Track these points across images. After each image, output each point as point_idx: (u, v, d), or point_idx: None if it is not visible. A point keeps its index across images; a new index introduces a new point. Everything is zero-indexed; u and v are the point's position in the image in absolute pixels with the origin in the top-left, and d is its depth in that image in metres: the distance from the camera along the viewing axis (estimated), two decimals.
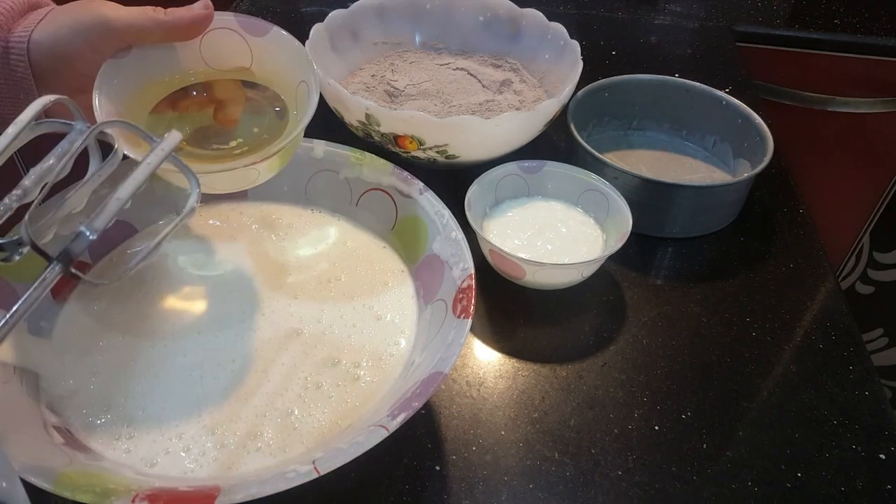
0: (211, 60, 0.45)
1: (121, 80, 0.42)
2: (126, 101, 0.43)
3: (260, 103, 0.46)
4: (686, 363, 0.49)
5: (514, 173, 0.57)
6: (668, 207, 0.58)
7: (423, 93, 0.65)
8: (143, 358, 0.43)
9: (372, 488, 0.41)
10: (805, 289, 0.56)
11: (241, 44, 0.45)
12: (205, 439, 0.39)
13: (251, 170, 0.41)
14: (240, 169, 0.41)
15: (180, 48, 0.45)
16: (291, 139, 0.42)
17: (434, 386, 0.37)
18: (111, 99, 0.41)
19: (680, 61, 0.87)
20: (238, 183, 0.44)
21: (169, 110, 0.45)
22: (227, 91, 0.46)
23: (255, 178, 0.43)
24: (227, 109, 0.46)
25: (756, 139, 0.62)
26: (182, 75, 0.45)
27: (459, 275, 0.44)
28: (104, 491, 0.32)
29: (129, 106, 0.43)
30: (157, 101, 0.44)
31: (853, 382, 0.48)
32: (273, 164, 0.43)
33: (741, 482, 0.42)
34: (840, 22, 0.98)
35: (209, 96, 0.46)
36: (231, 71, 0.46)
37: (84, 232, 0.31)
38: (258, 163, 0.41)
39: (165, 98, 0.45)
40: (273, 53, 0.45)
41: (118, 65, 0.42)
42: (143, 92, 0.44)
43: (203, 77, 0.46)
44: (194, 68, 0.45)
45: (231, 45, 0.45)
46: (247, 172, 0.42)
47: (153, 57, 0.44)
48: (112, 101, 0.41)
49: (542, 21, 0.69)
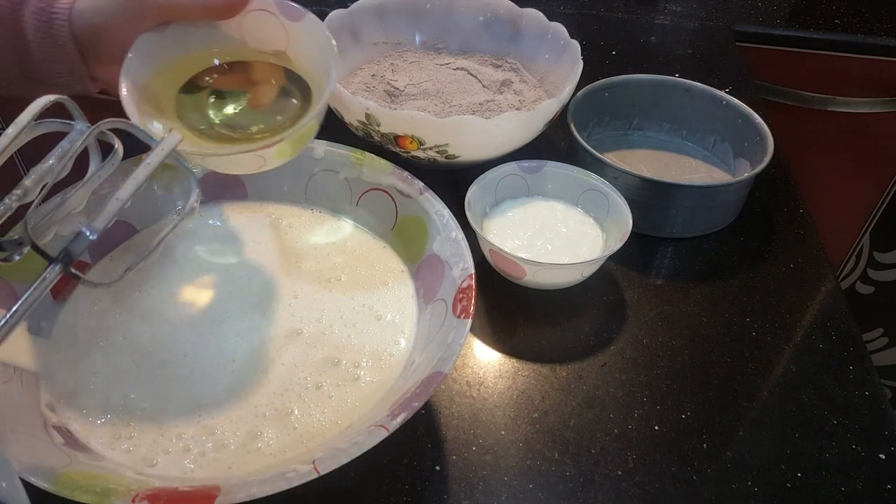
0: (251, 41, 0.45)
1: (153, 52, 0.42)
2: (158, 73, 0.43)
3: (291, 90, 0.45)
4: (686, 363, 0.49)
5: (514, 173, 0.57)
6: (668, 207, 0.58)
7: (424, 93, 0.65)
8: (143, 358, 0.43)
9: (372, 488, 0.41)
10: (805, 289, 0.56)
11: (278, 27, 0.44)
12: (205, 439, 0.39)
13: (255, 156, 0.41)
14: (243, 154, 0.41)
15: (221, 27, 0.44)
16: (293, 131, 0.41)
17: (434, 386, 0.37)
18: (140, 69, 0.41)
19: (680, 61, 0.87)
20: (243, 167, 0.43)
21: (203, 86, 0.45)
22: (263, 74, 0.46)
23: (262, 165, 0.43)
24: (259, 92, 0.45)
25: (756, 139, 0.62)
26: (220, 53, 0.45)
27: (459, 275, 0.44)
28: (104, 491, 0.32)
29: (161, 79, 0.43)
30: (190, 76, 0.44)
31: (853, 382, 0.48)
32: (283, 152, 0.42)
33: (741, 482, 0.42)
34: (840, 22, 0.98)
35: (246, 76, 0.45)
36: (268, 54, 0.45)
37: (84, 232, 0.31)
38: (258, 150, 0.40)
39: (203, 72, 0.44)
40: (306, 40, 0.44)
41: (154, 38, 0.42)
42: (176, 66, 0.44)
43: (242, 57, 0.45)
44: (233, 48, 0.45)
45: (269, 28, 0.44)
46: (251, 158, 0.41)
47: (192, 34, 0.43)
48: (141, 73, 0.41)
49: (542, 21, 0.69)
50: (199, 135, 0.43)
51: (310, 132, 0.44)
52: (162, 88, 0.43)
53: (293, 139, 0.41)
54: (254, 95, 0.45)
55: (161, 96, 0.43)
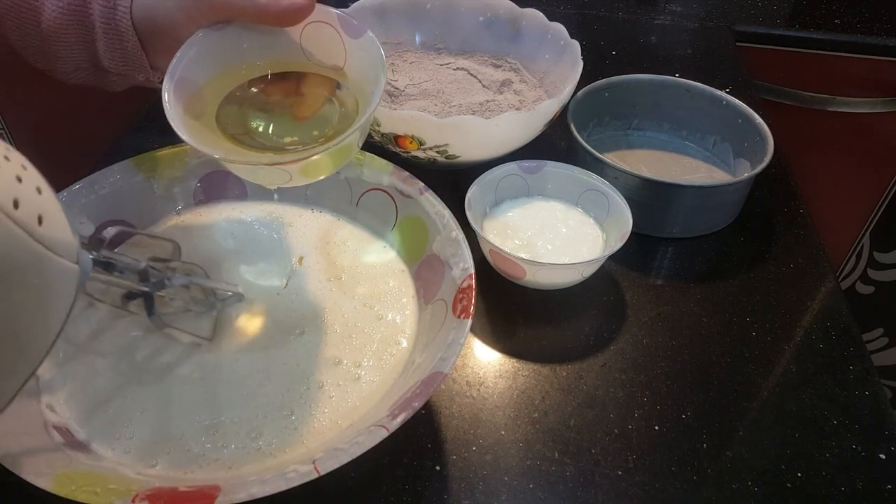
0: (309, 52, 0.44)
1: (208, 51, 0.42)
2: (210, 71, 0.42)
3: (336, 106, 0.44)
4: (686, 363, 0.49)
5: (514, 173, 0.57)
6: (668, 207, 0.58)
7: (424, 93, 0.65)
8: (143, 358, 0.43)
9: (372, 488, 0.41)
10: (805, 289, 0.56)
11: (338, 43, 0.43)
12: (205, 439, 0.39)
13: (281, 170, 0.40)
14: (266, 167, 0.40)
15: (281, 34, 0.43)
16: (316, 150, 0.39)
17: (434, 386, 0.37)
18: (191, 66, 0.41)
19: (680, 61, 0.87)
20: (267, 179, 0.42)
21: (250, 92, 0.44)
22: (313, 86, 0.45)
23: (288, 180, 0.41)
24: (304, 104, 0.45)
25: (756, 139, 0.62)
26: (275, 62, 0.44)
27: (459, 275, 0.44)
28: (104, 491, 0.32)
29: (212, 78, 0.42)
30: (243, 81, 0.43)
31: (853, 382, 0.48)
32: (308, 170, 0.41)
33: (741, 482, 0.42)
34: (840, 22, 0.98)
35: (295, 87, 0.44)
36: (326, 68, 0.44)
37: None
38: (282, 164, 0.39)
39: (254, 79, 0.44)
40: (362, 57, 0.43)
41: (211, 36, 0.42)
42: (229, 69, 0.43)
43: (296, 67, 0.44)
44: (290, 58, 0.44)
45: (329, 42, 0.43)
46: (277, 172, 0.40)
47: (250, 37, 0.43)
48: (190, 69, 0.41)
49: (542, 21, 0.69)
50: (232, 140, 0.41)
51: (344, 151, 0.42)
52: (211, 90, 0.42)
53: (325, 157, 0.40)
54: (298, 106, 0.44)
55: (207, 95, 0.42)
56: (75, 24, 0.44)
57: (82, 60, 0.46)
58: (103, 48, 0.45)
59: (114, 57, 0.45)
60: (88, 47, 0.45)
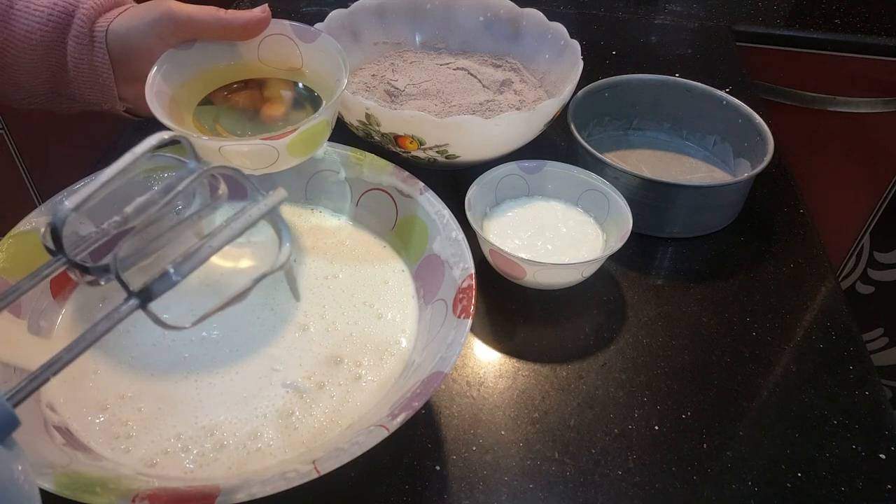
0: (267, 60, 0.51)
1: (179, 66, 0.48)
2: (183, 84, 0.48)
3: (303, 104, 0.51)
4: (686, 363, 0.49)
5: (514, 173, 0.57)
6: (668, 207, 0.58)
7: (424, 93, 0.65)
8: (143, 357, 0.43)
9: (372, 488, 0.41)
10: (805, 289, 0.56)
11: (293, 48, 0.51)
12: (204, 439, 0.39)
13: (269, 147, 0.44)
14: (259, 146, 0.44)
15: (240, 47, 0.50)
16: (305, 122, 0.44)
17: (434, 386, 0.37)
18: (165, 81, 0.47)
19: (680, 61, 0.87)
20: (257, 160, 0.46)
21: (222, 100, 0.50)
22: (276, 90, 0.51)
23: (276, 159, 0.46)
24: (272, 106, 0.50)
25: (756, 139, 0.62)
26: (239, 71, 0.51)
27: (460, 275, 0.44)
28: (104, 491, 0.32)
29: (184, 90, 0.49)
30: (211, 90, 0.50)
31: (853, 382, 0.48)
32: (294, 147, 0.45)
33: (741, 482, 0.42)
34: (840, 22, 0.98)
35: (260, 93, 0.51)
36: (285, 70, 0.51)
37: (170, 272, 0.30)
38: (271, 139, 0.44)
39: (221, 88, 0.50)
40: (320, 57, 0.50)
41: (179, 53, 0.48)
42: (198, 80, 0.49)
43: (258, 74, 0.51)
44: (251, 66, 0.51)
45: (285, 49, 0.51)
46: (265, 149, 0.45)
47: (214, 52, 0.50)
48: (165, 84, 0.47)
49: (542, 21, 0.69)
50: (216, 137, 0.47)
51: (320, 132, 0.47)
52: (184, 99, 0.48)
53: (304, 136, 0.45)
54: (266, 108, 0.50)
55: (183, 106, 0.48)
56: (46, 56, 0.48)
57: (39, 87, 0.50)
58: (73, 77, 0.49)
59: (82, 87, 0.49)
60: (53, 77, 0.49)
